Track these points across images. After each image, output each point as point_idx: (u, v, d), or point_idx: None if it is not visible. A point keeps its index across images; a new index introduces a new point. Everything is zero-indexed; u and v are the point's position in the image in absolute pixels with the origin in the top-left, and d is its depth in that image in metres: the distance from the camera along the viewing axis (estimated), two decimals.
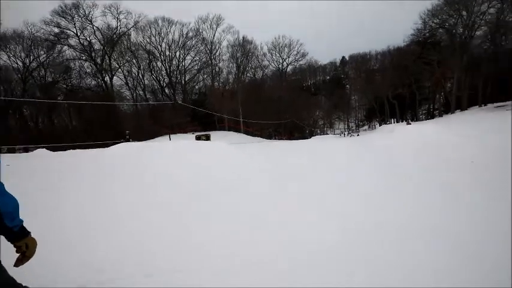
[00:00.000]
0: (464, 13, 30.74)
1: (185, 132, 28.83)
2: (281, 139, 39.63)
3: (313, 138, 36.70)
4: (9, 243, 1.41)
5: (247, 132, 32.05)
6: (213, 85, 36.84)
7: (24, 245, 1.40)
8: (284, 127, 42.96)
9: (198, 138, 23.62)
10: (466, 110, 31.52)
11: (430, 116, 44.48)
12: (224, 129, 30.55)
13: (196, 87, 44.36)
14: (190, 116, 30.24)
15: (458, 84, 31.74)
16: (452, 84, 35.31)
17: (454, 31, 32.61)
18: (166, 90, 42.45)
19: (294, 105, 45.33)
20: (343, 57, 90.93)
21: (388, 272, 2.76)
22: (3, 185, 1.32)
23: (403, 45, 41.22)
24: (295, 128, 48.18)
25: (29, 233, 1.44)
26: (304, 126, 50.70)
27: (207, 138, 23.64)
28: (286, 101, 43.42)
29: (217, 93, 33.15)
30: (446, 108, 37.52)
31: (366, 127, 73.12)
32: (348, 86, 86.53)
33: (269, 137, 40.45)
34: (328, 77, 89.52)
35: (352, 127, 78.38)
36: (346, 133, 65.86)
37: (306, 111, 55.02)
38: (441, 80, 33.86)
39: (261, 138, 31.01)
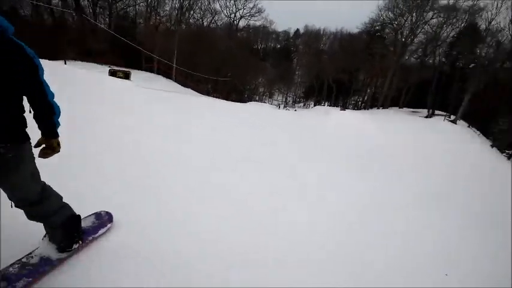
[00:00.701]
0: (414, 15, 31.96)
1: (97, 62, 22.66)
2: (218, 97, 36.56)
3: (251, 103, 34.96)
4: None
5: (179, 82, 27.71)
6: (149, 15, 29.75)
7: (56, 142, 1.69)
8: (223, 85, 39.66)
9: (112, 73, 18.65)
10: (388, 108, 34.60)
11: (357, 107, 48.16)
12: (151, 72, 25.55)
13: (130, 12, 35.76)
14: (110, 43, 23.85)
15: (390, 84, 34.06)
16: (383, 82, 37.78)
17: (400, 31, 34.01)
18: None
19: (239, 65, 41.92)
20: (298, 29, 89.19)
21: None
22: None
23: (355, 32, 41.73)
24: (234, 90, 45.44)
25: (58, 135, 1.72)
26: (244, 90, 48.36)
27: (126, 76, 18.92)
28: (232, 58, 39.60)
29: (151, 26, 26.90)
30: (372, 103, 40.65)
31: (301, 104, 75.71)
32: (295, 60, 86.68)
33: (206, 92, 36.73)
34: (279, 46, 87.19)
35: (289, 102, 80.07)
36: (283, 106, 67.02)
37: (250, 75, 52.35)
38: (378, 74, 35.78)
39: (195, 92, 27.48)
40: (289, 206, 4.42)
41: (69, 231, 1.82)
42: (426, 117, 27.41)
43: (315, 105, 52.84)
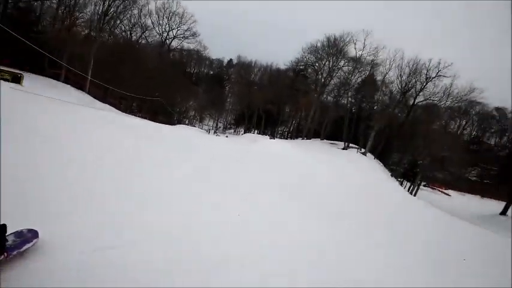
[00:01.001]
0: (331, 61, 37.18)
1: None
2: (143, 117, 33.08)
3: (180, 126, 32.95)
4: None
5: (96, 96, 23.56)
6: (63, 15, 24.89)
7: None
8: (150, 105, 36.45)
9: None
10: (311, 139, 37.84)
11: (283, 136, 51.44)
12: (58, 80, 20.95)
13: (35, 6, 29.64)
14: None
15: (312, 117, 37.63)
16: (306, 115, 41.50)
17: (320, 72, 38.84)
18: None
19: (170, 86, 39.63)
20: (231, 59, 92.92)
21: None
22: None
23: (283, 68, 45.64)
24: (163, 111, 42.49)
25: None
26: (174, 112, 45.81)
27: (15, 79, 14.79)
28: (161, 77, 37.18)
29: (63, 28, 22.51)
30: (297, 133, 43.94)
31: (232, 131, 76.60)
32: (227, 87, 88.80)
33: (128, 110, 32.64)
34: (212, 72, 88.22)
35: (219, 127, 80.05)
36: (213, 131, 66.23)
37: (181, 97, 50.23)
38: (302, 109, 39.26)
39: (116, 110, 23.90)
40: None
41: None
42: (343, 149, 30.93)
43: (244, 132, 53.88)
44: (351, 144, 32.24)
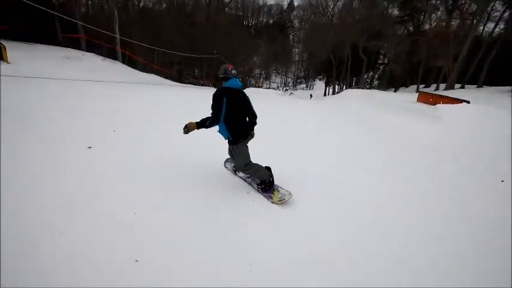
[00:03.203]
0: None
1: None
2: (202, 84, 27.34)
3: (252, 90, 26.08)
4: None
5: (133, 63, 17.95)
6: None
7: (253, 133, 2.88)
8: (207, 67, 30.29)
9: None
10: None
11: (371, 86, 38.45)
12: (78, 48, 15.47)
13: None
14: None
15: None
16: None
17: None
18: None
19: (228, 43, 32.19)
20: (291, 1, 77.93)
21: None
22: None
23: None
24: None
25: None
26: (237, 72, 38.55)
27: None
28: (218, 34, 29.97)
29: None
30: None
31: (303, 85, 66.20)
32: (291, 35, 76.20)
33: (178, 78, 26.93)
34: (272, 20, 76.27)
35: (288, 83, 70.44)
36: (284, 89, 57.92)
37: (242, 54, 42.47)
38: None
39: (161, 79, 18.24)
40: None
41: None
42: None
43: (326, 86, 43.13)
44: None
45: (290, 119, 8.53)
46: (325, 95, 37.79)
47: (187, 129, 2.52)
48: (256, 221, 2.35)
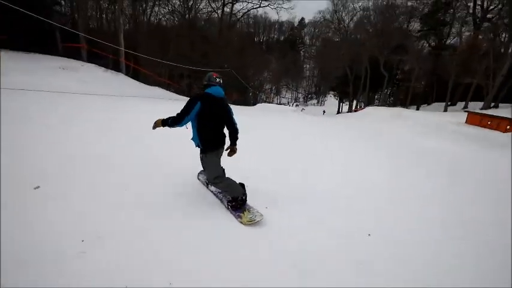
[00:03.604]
0: None
1: None
2: None
3: (261, 106, 24.70)
4: None
5: (136, 76, 16.56)
6: None
7: (235, 148, 2.72)
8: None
9: None
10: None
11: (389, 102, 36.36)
12: (77, 58, 14.03)
13: None
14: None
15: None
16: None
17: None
18: None
19: (240, 58, 31.25)
20: (303, 18, 78.26)
21: None
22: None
23: None
24: (235, 88, 34.89)
25: (236, 144, 2.74)
26: (249, 87, 37.77)
27: None
28: (230, 49, 29.10)
29: None
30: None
31: (314, 101, 64.79)
32: (302, 51, 75.93)
33: (187, 91, 25.63)
34: (283, 37, 76.38)
35: (299, 98, 69.26)
36: (294, 104, 56.72)
37: (253, 70, 41.59)
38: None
39: (166, 92, 16.85)
40: None
41: None
42: None
43: (341, 102, 41.17)
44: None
45: (324, 140, 6.75)
46: (338, 112, 35.93)
47: (155, 124, 2.45)
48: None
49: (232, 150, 2.69)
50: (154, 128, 2.44)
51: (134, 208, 2.27)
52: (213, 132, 2.47)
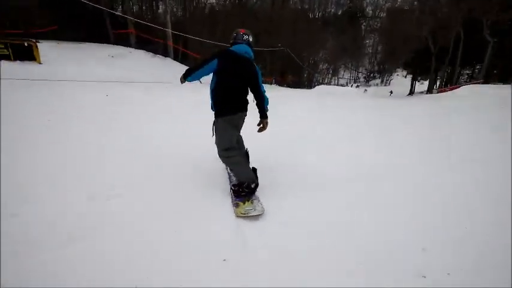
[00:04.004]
0: None
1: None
2: (266, 82, 24.18)
3: (321, 88, 21.95)
4: None
5: (185, 60, 15.47)
6: None
7: (265, 122, 2.23)
8: (270, 63, 26.93)
9: None
10: None
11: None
12: (126, 45, 13.54)
13: None
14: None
15: None
16: None
17: None
18: None
19: (293, 37, 28.32)
20: None
21: None
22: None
23: None
24: (289, 67, 32.21)
25: (267, 117, 2.24)
26: (304, 66, 34.66)
27: (24, 54, 8.00)
28: (283, 27, 26.45)
29: None
30: None
31: (377, 81, 57.13)
32: (364, 25, 67.17)
33: None
34: (340, 11, 68.60)
35: (359, 79, 62.17)
36: (352, 85, 50.89)
37: (307, 49, 37.88)
38: None
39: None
40: None
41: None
42: None
43: (414, 82, 35.03)
44: None
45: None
46: (411, 92, 30.10)
47: (180, 81, 2.24)
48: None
49: (262, 125, 2.25)
50: (182, 82, 2.24)
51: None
52: (228, 94, 2.09)
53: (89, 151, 2.74)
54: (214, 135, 2.16)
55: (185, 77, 2.12)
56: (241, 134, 2.33)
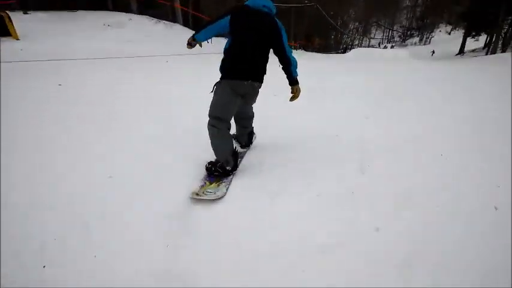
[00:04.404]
0: None
1: None
2: (297, 47, 21.20)
3: (359, 51, 19.05)
4: None
5: (197, 25, 13.17)
6: None
7: (296, 88, 1.92)
8: (294, 25, 23.60)
9: None
10: None
11: None
12: (130, 11, 11.54)
13: None
14: None
15: None
16: None
17: None
18: None
19: None
20: None
21: None
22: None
23: None
24: (316, 30, 28.55)
25: (298, 82, 1.92)
26: (337, 26, 30.84)
27: None
28: None
29: None
30: None
31: (415, 39, 50.05)
32: None
33: None
34: None
35: (393, 37, 55.10)
36: (385, 46, 44.99)
37: (335, 8, 33.10)
38: None
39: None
40: None
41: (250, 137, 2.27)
42: None
43: (470, 36, 29.59)
44: None
45: None
46: (461, 52, 25.24)
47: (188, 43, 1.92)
48: None
49: (293, 93, 1.94)
50: (190, 46, 1.88)
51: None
52: (242, 54, 1.69)
53: None
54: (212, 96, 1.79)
55: (195, 35, 1.82)
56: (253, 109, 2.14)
